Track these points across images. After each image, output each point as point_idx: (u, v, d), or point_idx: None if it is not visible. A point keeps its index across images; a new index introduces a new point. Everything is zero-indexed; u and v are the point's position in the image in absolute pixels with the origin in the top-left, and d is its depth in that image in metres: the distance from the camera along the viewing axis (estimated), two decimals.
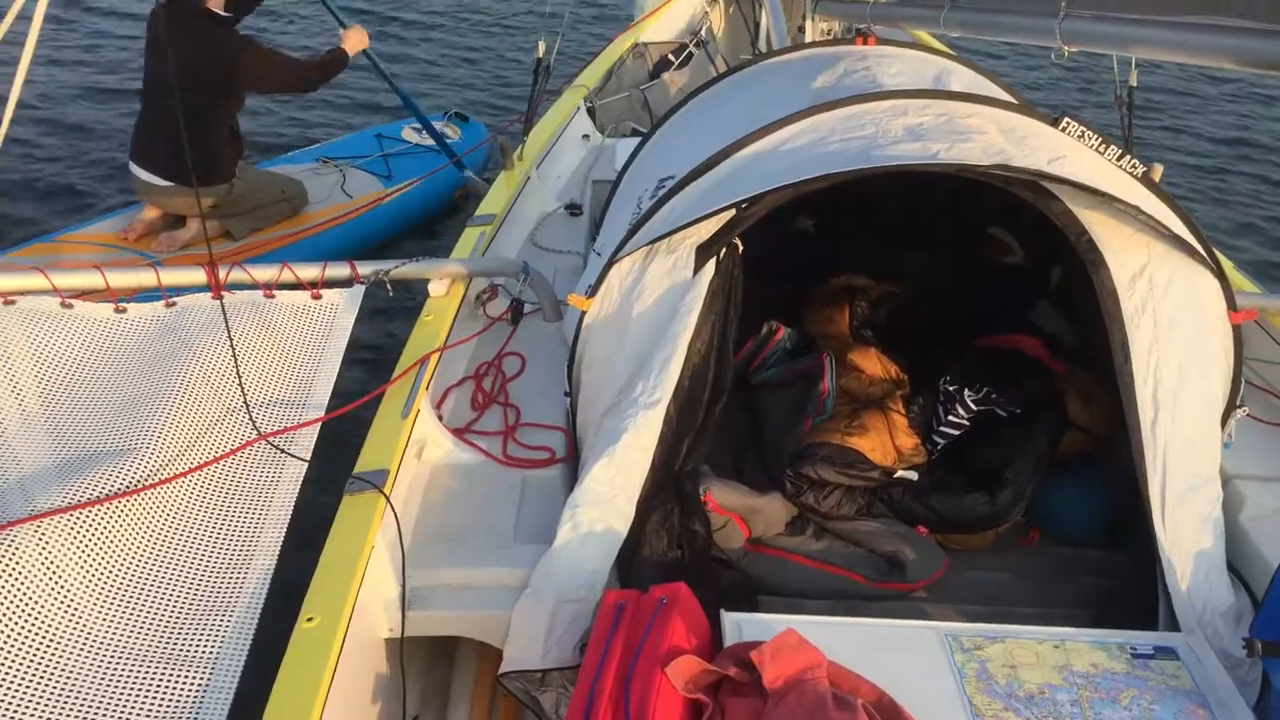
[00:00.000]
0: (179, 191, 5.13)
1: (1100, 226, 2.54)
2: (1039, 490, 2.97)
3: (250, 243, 5.38)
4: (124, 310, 2.82)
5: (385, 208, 5.99)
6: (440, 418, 2.94)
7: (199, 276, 2.92)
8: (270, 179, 5.68)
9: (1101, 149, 2.71)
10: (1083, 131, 2.72)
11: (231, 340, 2.57)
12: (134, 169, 5.26)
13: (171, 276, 2.91)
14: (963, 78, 3.38)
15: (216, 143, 5.23)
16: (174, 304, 2.87)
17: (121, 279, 2.89)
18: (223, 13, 5.13)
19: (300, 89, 5.58)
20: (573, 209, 4.50)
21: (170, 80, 5.00)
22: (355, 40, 5.58)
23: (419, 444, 2.81)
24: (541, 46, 5.14)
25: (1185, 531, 2.48)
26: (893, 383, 3.23)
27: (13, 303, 2.73)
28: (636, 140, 4.43)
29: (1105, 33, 2.27)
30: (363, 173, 6.24)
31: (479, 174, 6.61)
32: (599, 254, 3.28)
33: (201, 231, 5.26)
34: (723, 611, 2.23)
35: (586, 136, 5.31)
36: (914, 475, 2.97)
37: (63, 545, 2.10)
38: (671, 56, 6.54)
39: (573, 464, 2.84)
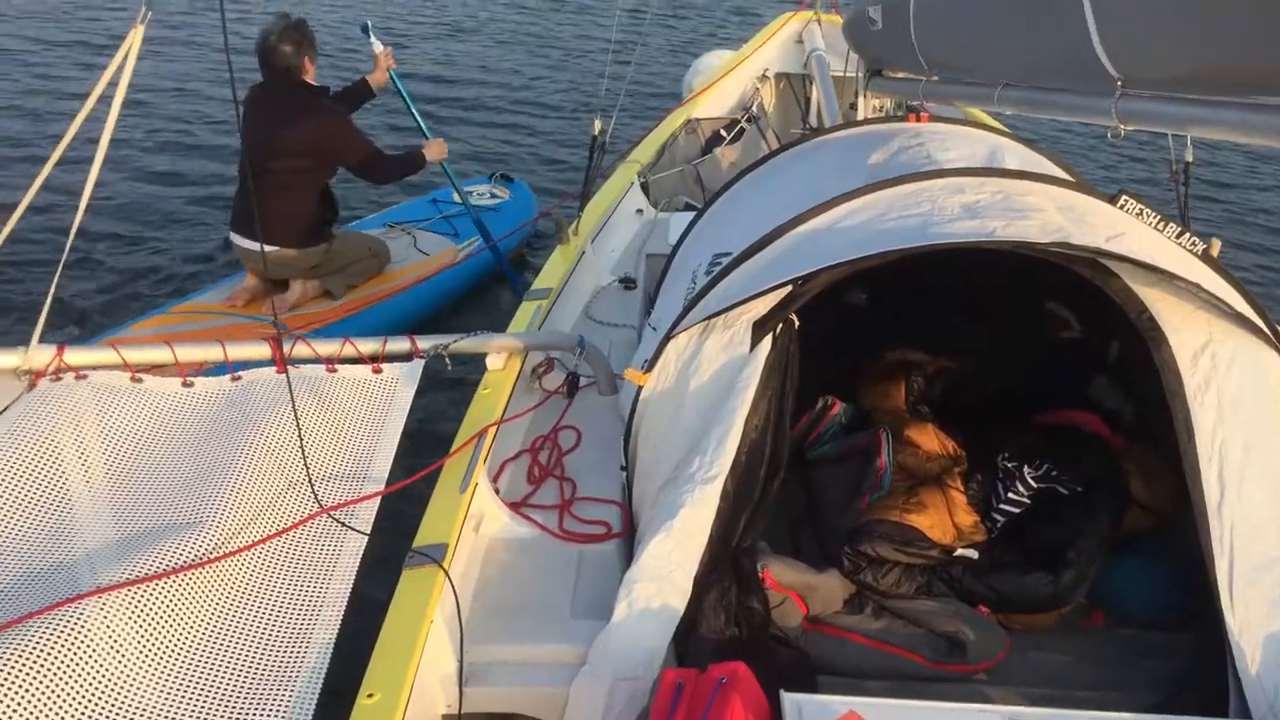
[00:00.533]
0: (283, 255, 5.32)
1: (1161, 304, 2.53)
2: (1102, 570, 2.91)
3: (349, 300, 5.59)
4: (191, 384, 2.88)
5: (463, 264, 6.27)
6: (497, 491, 2.97)
7: (264, 351, 2.99)
8: (358, 238, 5.89)
9: (1160, 226, 2.70)
10: (1141, 209, 2.72)
11: (296, 414, 2.62)
12: (235, 238, 5.49)
13: (238, 351, 2.97)
14: (1017, 154, 3.40)
15: (315, 207, 5.47)
16: (239, 378, 2.93)
17: (189, 354, 2.96)
18: (316, 84, 5.40)
19: (378, 176, 5.76)
20: (627, 283, 4.55)
21: (245, 148, 5.23)
22: (436, 151, 5.82)
23: (476, 517, 2.83)
24: (597, 125, 5.24)
25: (1255, 613, 2.43)
26: (950, 459, 3.20)
27: (84, 377, 2.80)
28: (690, 215, 4.49)
29: (1162, 112, 2.27)
30: (430, 234, 6.44)
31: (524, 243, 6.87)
32: (654, 328, 3.31)
33: (306, 292, 5.53)
34: (782, 692, 2.20)
35: (640, 211, 5.38)
36: (974, 553, 2.93)
37: (126, 619, 2.12)
38: (723, 132, 6.63)
39: (629, 539, 2.84)
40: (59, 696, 1.94)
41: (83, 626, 2.05)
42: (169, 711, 2.05)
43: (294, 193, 5.28)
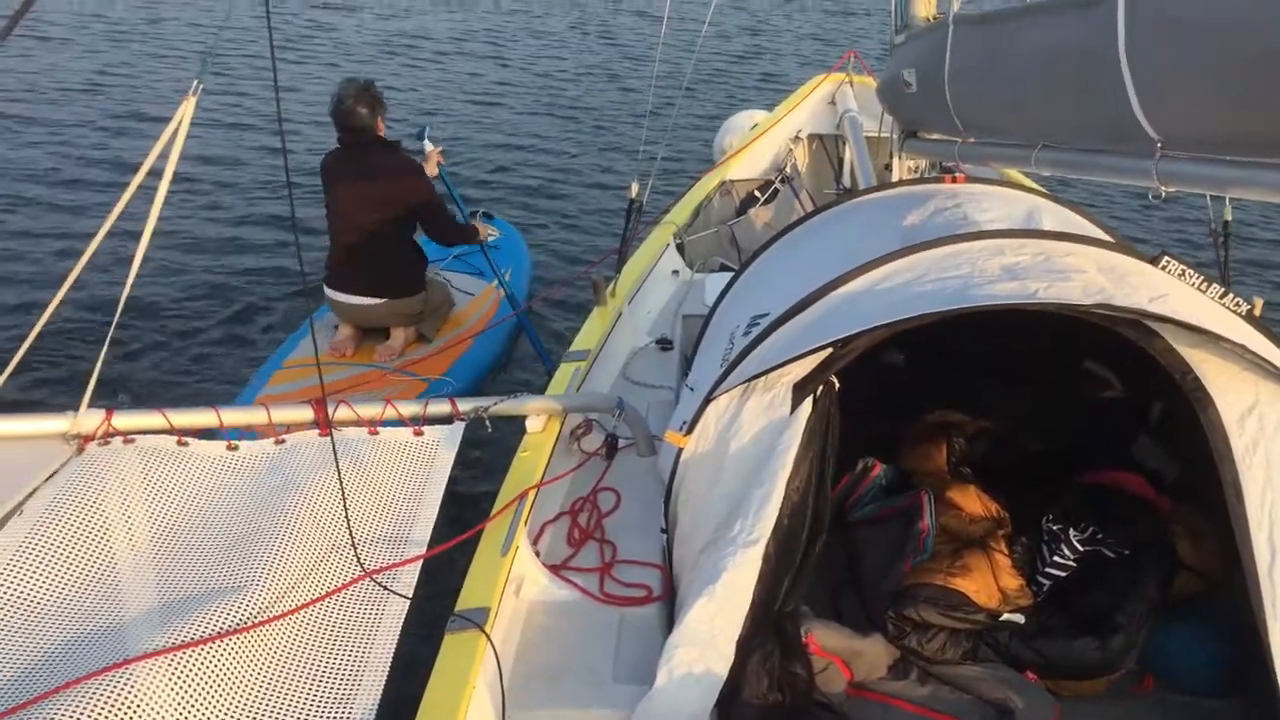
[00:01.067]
0: (387, 307, 5.57)
1: (1206, 365, 2.51)
2: (1152, 634, 2.86)
3: (446, 343, 5.79)
4: (236, 448, 2.91)
5: (514, 286, 6.41)
6: (538, 553, 2.96)
7: (306, 415, 3.01)
8: (437, 283, 6.04)
9: (1203, 287, 2.70)
10: (1183, 270, 2.72)
11: (340, 478, 2.63)
12: (333, 294, 5.65)
13: (281, 415, 3.00)
14: (1055, 214, 3.40)
15: (411, 256, 5.70)
16: (283, 441, 2.95)
17: (234, 417, 2.99)
18: (386, 138, 5.59)
19: (446, 238, 5.92)
20: (664, 344, 4.57)
21: (335, 208, 5.53)
22: (486, 233, 6.12)
23: (518, 580, 2.83)
24: (634, 188, 5.30)
25: None
26: (994, 521, 3.17)
27: (131, 442, 2.83)
28: (725, 275, 4.51)
29: (1203, 174, 2.27)
30: (458, 274, 6.55)
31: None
32: (692, 389, 3.32)
33: (407, 337, 5.74)
34: None
35: (676, 272, 5.41)
36: (1020, 618, 2.89)
37: (171, 684, 2.13)
38: (758, 193, 6.67)
39: (670, 602, 2.83)
40: None
41: (129, 692, 2.06)
42: None
43: (391, 245, 5.51)
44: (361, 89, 5.44)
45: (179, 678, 2.14)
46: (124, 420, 2.86)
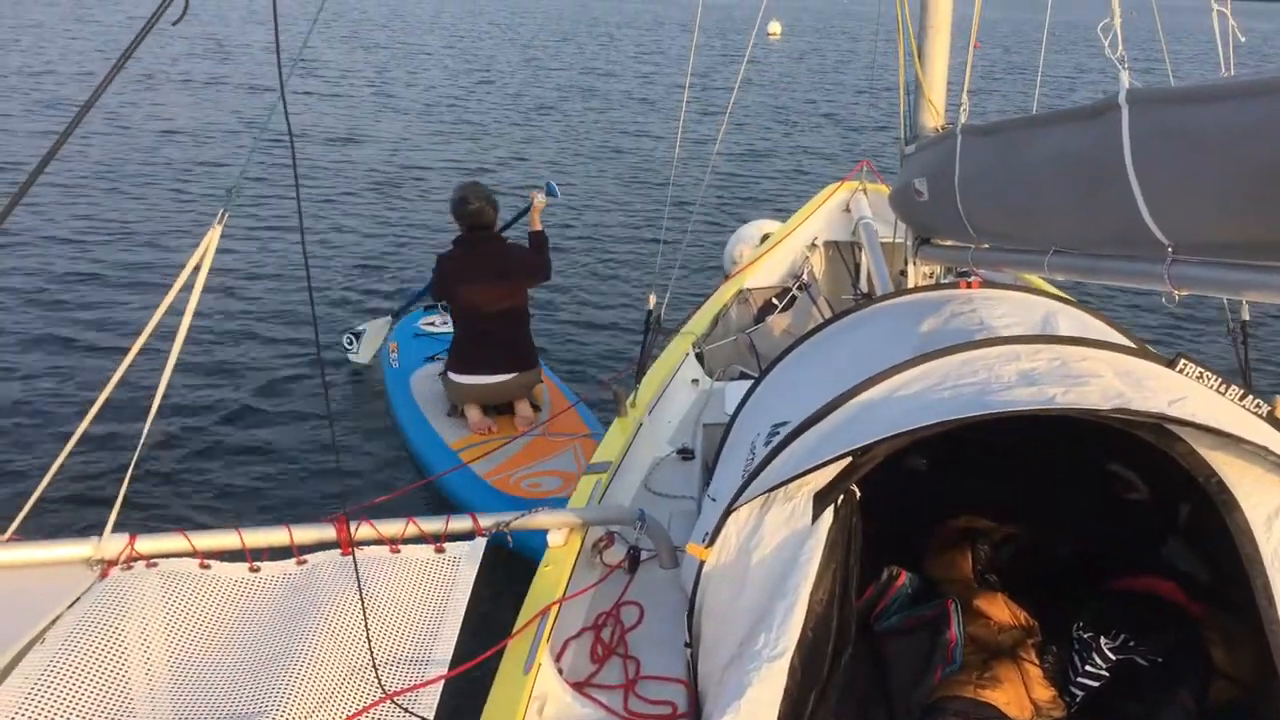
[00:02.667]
0: (519, 379, 6.31)
1: (1229, 468, 2.49)
2: None
3: (552, 414, 6.41)
4: (258, 569, 2.91)
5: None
6: (560, 671, 2.93)
7: (328, 533, 3.02)
8: None
9: (1222, 389, 2.69)
10: (1201, 372, 2.72)
11: (362, 598, 2.63)
12: (465, 379, 6.28)
13: (304, 534, 3.00)
14: (1071, 318, 3.42)
15: (529, 334, 6.49)
16: (305, 561, 2.96)
17: (256, 538, 3.00)
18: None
19: (543, 269, 6.55)
20: (685, 453, 4.56)
21: (465, 298, 6.26)
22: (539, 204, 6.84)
23: (540, 699, 2.79)
24: (652, 299, 5.36)
25: None
26: (1023, 630, 3.12)
27: (154, 565, 2.84)
28: (745, 383, 4.52)
29: (1215, 277, 2.29)
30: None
31: None
32: (713, 499, 3.30)
33: (530, 406, 6.45)
34: None
35: (696, 381, 5.43)
36: None
37: None
38: (775, 300, 6.72)
39: (695, 719, 2.78)
40: None
41: None
42: None
43: (519, 324, 6.33)
44: (486, 192, 6.31)
45: None
46: (147, 544, 2.88)
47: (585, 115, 20.19)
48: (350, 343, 8.11)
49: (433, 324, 7.93)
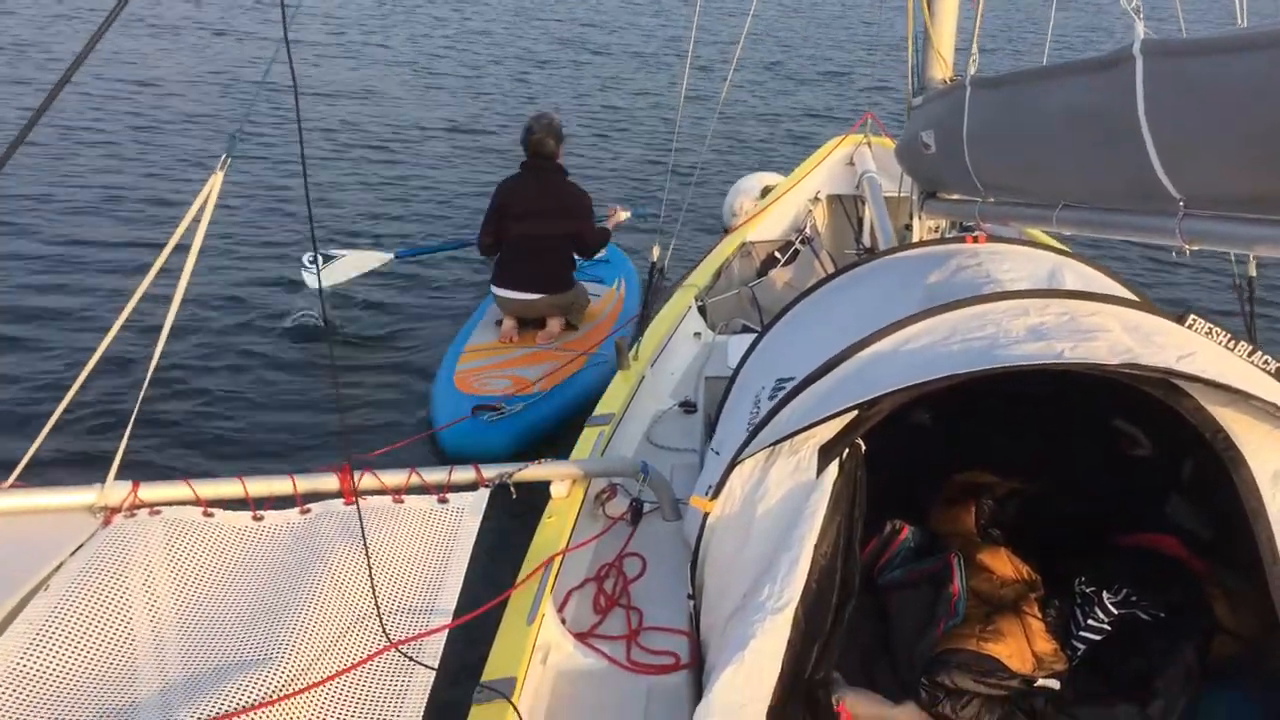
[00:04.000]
0: (546, 300, 6.73)
1: (1236, 424, 2.48)
2: (1192, 700, 2.80)
3: (587, 331, 6.85)
4: (261, 518, 2.92)
5: (628, 294, 7.47)
6: (564, 621, 2.94)
7: (332, 483, 3.02)
8: (579, 283, 7.07)
9: (1231, 345, 2.68)
10: (1210, 328, 2.71)
11: (367, 547, 2.63)
12: (502, 291, 6.76)
13: (307, 483, 3.00)
14: (1077, 273, 3.40)
15: (569, 261, 6.87)
16: (308, 510, 2.96)
17: (259, 487, 2.99)
18: (563, 164, 6.86)
19: (592, 248, 7.04)
20: (687, 406, 4.56)
21: (514, 219, 6.69)
22: (620, 219, 7.55)
23: (544, 649, 2.80)
24: (655, 251, 5.34)
25: None
26: (1025, 584, 3.12)
27: (158, 513, 2.84)
28: (747, 337, 4.51)
29: (1226, 232, 2.27)
30: (588, 281, 7.39)
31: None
32: (716, 452, 3.30)
33: (560, 325, 6.85)
34: None
35: (698, 334, 5.42)
36: (1056, 683, 2.83)
37: None
38: (778, 254, 6.70)
39: (697, 670, 2.79)
40: None
41: None
42: None
43: (558, 251, 6.74)
44: (550, 123, 6.71)
45: None
46: (150, 492, 2.88)
47: (584, 69, 20.01)
48: (311, 261, 7.66)
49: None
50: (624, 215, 7.67)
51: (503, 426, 5.77)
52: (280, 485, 3.02)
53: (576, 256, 6.94)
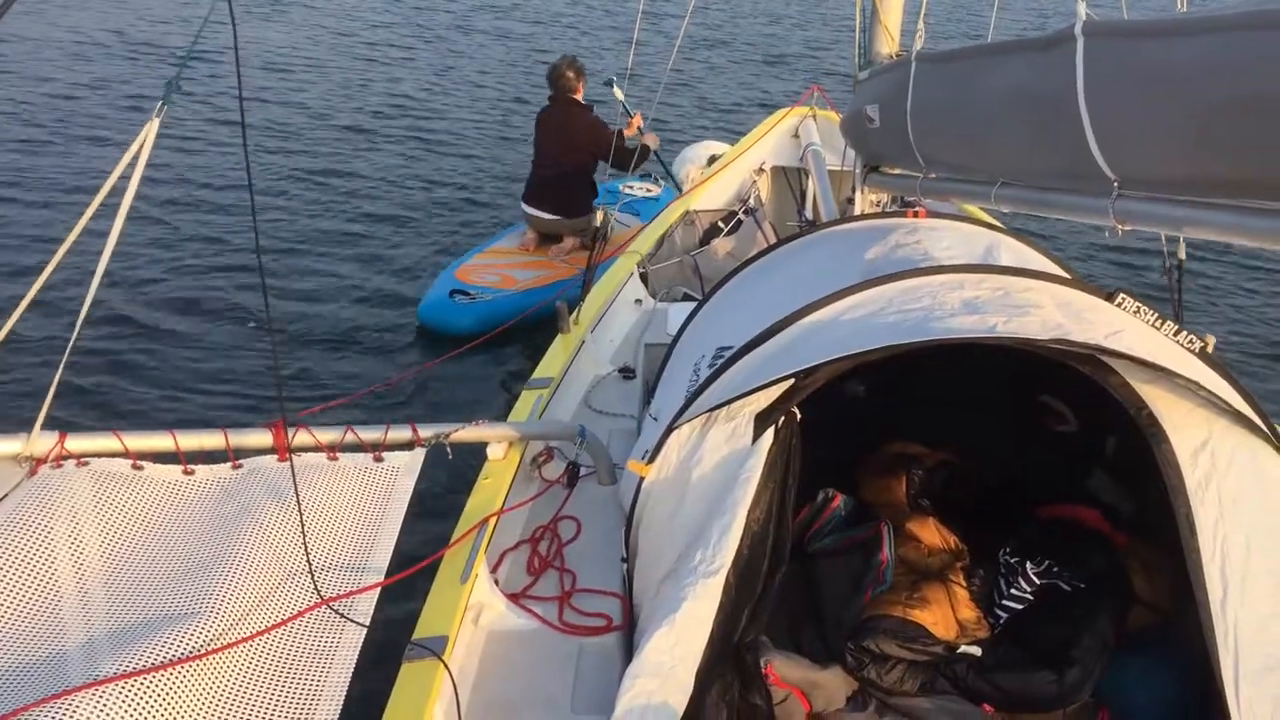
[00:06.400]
0: (561, 222, 7.87)
1: (1160, 401, 2.55)
2: (1107, 668, 2.88)
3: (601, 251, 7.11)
4: (192, 472, 2.87)
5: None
6: (497, 582, 2.95)
7: (265, 439, 2.98)
8: (604, 213, 7.29)
9: (1158, 324, 2.74)
10: (1138, 307, 2.77)
11: (299, 503, 2.61)
12: (528, 208, 7.99)
13: (240, 438, 2.97)
14: (1012, 250, 3.45)
15: (587, 188, 7.91)
16: (240, 466, 2.93)
17: (191, 441, 2.95)
18: (583, 101, 7.86)
19: (620, 164, 7.71)
20: (626, 372, 4.57)
21: (540, 145, 7.94)
22: (654, 140, 8.01)
23: (476, 609, 2.81)
24: (599, 215, 5.32)
25: (1261, 713, 2.41)
26: (952, 553, 3.19)
27: (86, 464, 2.79)
28: (688, 305, 4.53)
29: (1158, 213, 2.32)
30: (625, 214, 8.17)
31: None
32: (654, 418, 3.32)
33: (574, 244, 7.85)
34: None
35: (639, 301, 5.42)
36: (977, 650, 2.90)
37: (120, 713, 2.08)
38: (721, 224, 6.72)
39: (629, 632, 2.82)
40: None
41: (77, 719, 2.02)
42: None
43: (575, 178, 7.74)
44: (571, 62, 7.86)
45: (126, 706, 2.10)
46: (78, 443, 2.82)
47: (525, 33, 19.81)
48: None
49: (631, 188, 8.94)
50: (651, 138, 7.99)
51: (467, 310, 7.02)
52: (212, 439, 2.97)
53: (612, 173, 8.06)
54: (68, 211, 8.51)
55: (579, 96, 7.81)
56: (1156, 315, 2.77)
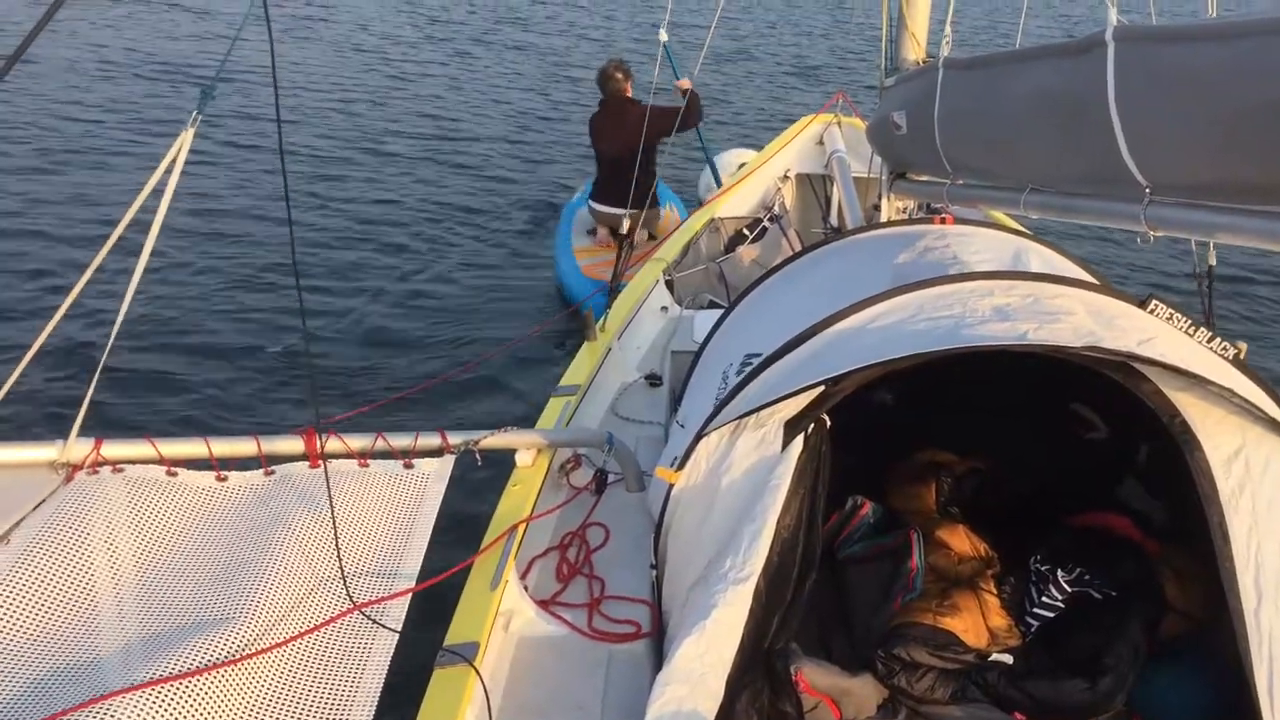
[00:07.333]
0: (627, 214, 7.66)
1: (1193, 409, 2.53)
2: (1140, 676, 2.86)
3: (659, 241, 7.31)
4: (225, 479, 2.90)
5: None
6: (526, 588, 2.96)
7: (297, 446, 3.00)
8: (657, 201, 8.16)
9: (1191, 331, 2.72)
10: (1171, 313, 2.75)
11: (333, 509, 2.62)
12: (598, 206, 8.39)
13: (272, 445, 2.99)
14: (1041, 256, 3.44)
15: (646, 180, 7.70)
16: (273, 473, 2.95)
17: (224, 448, 2.97)
18: (632, 97, 8.28)
19: (682, 127, 7.93)
20: (652, 379, 4.58)
21: (601, 146, 8.33)
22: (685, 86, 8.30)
23: (507, 615, 2.82)
24: (626, 222, 5.33)
25: None
26: (982, 561, 3.18)
27: (120, 471, 2.82)
28: (714, 312, 4.53)
29: (1190, 219, 2.30)
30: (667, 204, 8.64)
31: None
32: (682, 425, 3.32)
33: (638, 231, 7.65)
34: None
35: (665, 308, 5.43)
36: (1009, 658, 2.89)
37: (157, 717, 2.11)
38: (746, 231, 6.71)
39: (658, 639, 2.82)
40: None
41: None
42: None
43: (633, 170, 7.46)
44: (619, 64, 8.33)
45: (162, 711, 2.11)
46: (113, 450, 2.85)
47: (553, 46, 19.92)
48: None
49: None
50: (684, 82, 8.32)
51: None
52: (245, 446, 3.00)
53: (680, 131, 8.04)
54: (104, 221, 8.61)
55: (629, 93, 8.24)
56: (1189, 322, 2.76)
